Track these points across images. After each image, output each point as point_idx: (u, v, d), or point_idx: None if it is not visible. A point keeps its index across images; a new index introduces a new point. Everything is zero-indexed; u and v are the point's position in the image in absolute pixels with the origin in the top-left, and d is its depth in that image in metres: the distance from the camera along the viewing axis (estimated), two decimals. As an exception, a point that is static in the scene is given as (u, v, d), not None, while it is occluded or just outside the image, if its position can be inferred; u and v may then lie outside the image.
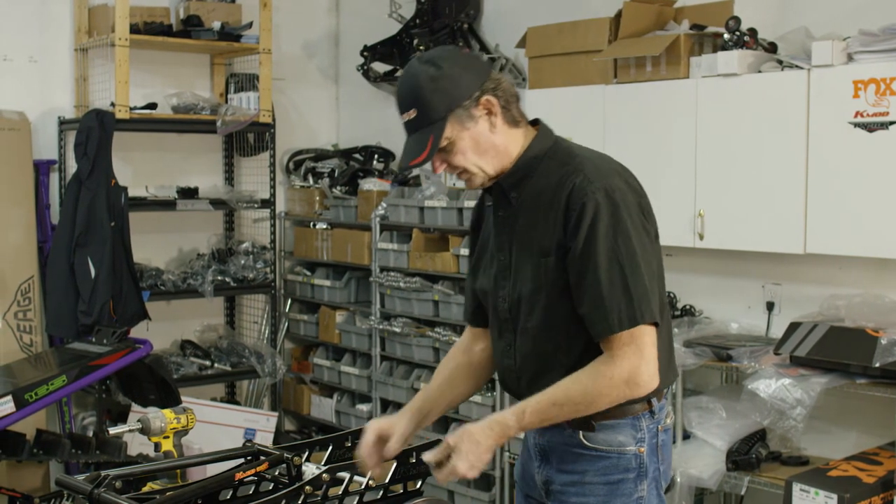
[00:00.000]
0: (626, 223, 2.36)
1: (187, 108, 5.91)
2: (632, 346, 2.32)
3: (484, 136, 2.44)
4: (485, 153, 2.46)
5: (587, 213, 2.34)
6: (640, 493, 2.47)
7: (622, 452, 2.46)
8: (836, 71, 4.02)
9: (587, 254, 2.34)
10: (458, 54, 2.50)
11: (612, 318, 2.32)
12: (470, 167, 2.47)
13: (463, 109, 2.41)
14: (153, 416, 2.89)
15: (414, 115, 2.43)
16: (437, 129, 2.41)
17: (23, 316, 5.53)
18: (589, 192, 2.36)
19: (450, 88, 2.40)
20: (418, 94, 2.41)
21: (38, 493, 4.97)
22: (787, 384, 3.99)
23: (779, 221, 4.20)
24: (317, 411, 6.49)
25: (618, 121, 4.74)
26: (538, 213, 2.45)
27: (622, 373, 2.32)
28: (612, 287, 2.32)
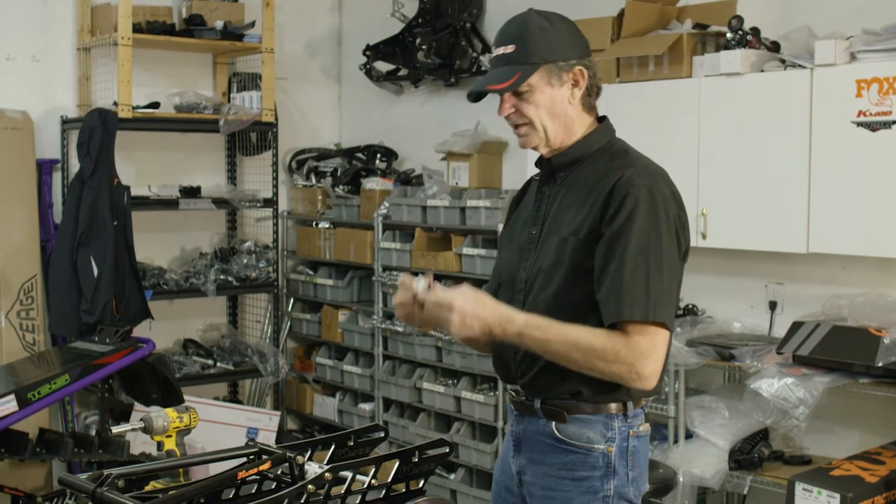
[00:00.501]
0: (662, 226, 2.41)
1: (190, 108, 5.91)
2: (647, 339, 2.35)
3: (562, 101, 2.53)
4: (555, 117, 2.53)
5: (627, 205, 2.39)
6: (605, 493, 2.49)
7: (590, 449, 2.49)
8: (839, 70, 4.01)
9: (618, 242, 2.38)
10: (571, 23, 2.58)
11: (625, 306, 2.35)
12: (536, 122, 2.52)
13: (556, 66, 2.50)
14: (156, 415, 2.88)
15: (512, 49, 2.49)
16: (529, 69, 2.47)
17: (25, 315, 5.54)
18: (635, 185, 2.42)
19: (554, 42, 2.49)
20: (524, 33, 2.49)
21: (41, 492, 4.97)
22: (790, 383, 3.99)
23: (782, 221, 4.19)
24: (319, 410, 6.49)
25: (620, 120, 4.68)
26: (579, 195, 2.51)
27: (631, 354, 2.35)
28: (633, 278, 2.35)
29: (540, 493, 2.56)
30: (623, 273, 2.36)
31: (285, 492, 2.36)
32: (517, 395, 2.63)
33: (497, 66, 2.52)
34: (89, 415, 5.81)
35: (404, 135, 6.43)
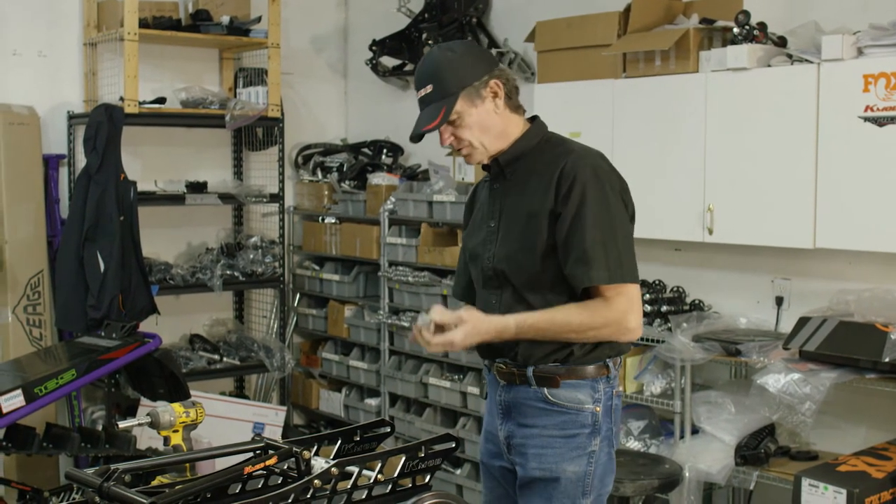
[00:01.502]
0: (609, 196, 2.73)
1: (196, 103, 5.91)
2: (622, 297, 2.70)
3: (489, 115, 2.80)
4: (488, 131, 2.81)
5: (577, 185, 2.70)
6: (592, 448, 2.79)
7: (580, 409, 2.78)
8: (846, 65, 4.00)
9: (575, 218, 2.69)
10: (473, 45, 2.94)
11: (593, 273, 2.67)
12: (474, 142, 2.81)
13: (473, 89, 2.77)
14: (162, 409, 2.89)
15: (430, 89, 2.78)
16: (450, 102, 2.75)
17: (32, 310, 5.55)
18: (580, 166, 2.73)
19: (462, 69, 2.78)
20: (435, 71, 2.78)
21: (48, 486, 4.98)
22: (797, 379, 3.99)
23: (788, 216, 4.19)
24: (325, 406, 6.50)
25: (627, 115, 4.73)
26: (529, 184, 2.81)
27: (615, 315, 2.70)
28: (594, 247, 2.67)
29: (533, 453, 2.81)
30: (584, 244, 2.67)
31: (292, 486, 2.37)
32: (506, 366, 2.86)
33: (424, 107, 2.81)
34: (96, 410, 5.82)
35: (410, 130, 6.41)
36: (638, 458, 4.30)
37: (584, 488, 2.78)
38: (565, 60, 5.01)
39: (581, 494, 2.78)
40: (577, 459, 2.77)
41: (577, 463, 2.77)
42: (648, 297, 4.72)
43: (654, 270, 4.97)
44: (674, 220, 4.58)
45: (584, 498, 2.79)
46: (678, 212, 4.55)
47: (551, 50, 5.09)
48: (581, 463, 2.77)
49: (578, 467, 2.77)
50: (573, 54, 4.98)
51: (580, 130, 4.85)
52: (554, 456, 2.78)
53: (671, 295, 4.83)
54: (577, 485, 2.77)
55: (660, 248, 4.95)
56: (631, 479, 4.01)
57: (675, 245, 4.92)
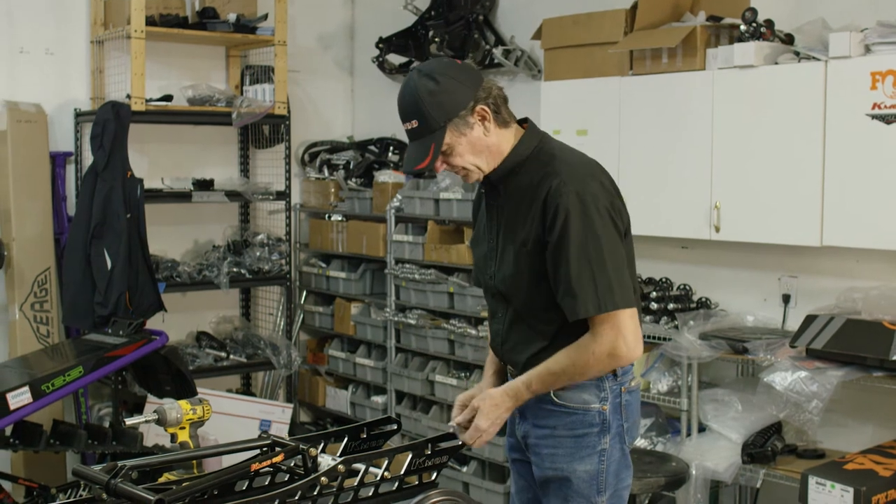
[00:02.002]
0: (595, 222, 2.67)
1: (203, 100, 5.91)
2: (608, 325, 2.67)
3: (479, 139, 2.76)
4: (480, 153, 2.78)
5: (560, 213, 2.66)
6: (602, 446, 2.81)
7: (587, 409, 2.80)
8: (854, 62, 4.00)
9: (560, 249, 2.67)
10: (453, 67, 2.78)
11: (579, 306, 2.66)
12: (468, 166, 2.79)
13: (460, 118, 2.73)
14: (169, 406, 2.89)
15: (416, 124, 2.74)
16: (438, 136, 2.72)
17: (39, 307, 5.56)
18: (563, 192, 2.67)
19: (447, 101, 2.72)
20: (419, 106, 2.72)
21: (55, 483, 4.99)
22: (803, 377, 3.98)
23: (795, 214, 4.18)
24: (332, 403, 6.51)
25: (634, 113, 4.73)
26: (521, 206, 2.78)
27: (603, 348, 2.68)
28: (580, 279, 2.66)
29: (546, 453, 2.85)
30: (570, 277, 2.66)
31: (298, 483, 2.37)
32: (515, 367, 2.92)
33: (412, 141, 2.78)
34: (103, 407, 5.83)
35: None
36: (644, 455, 4.30)
37: (598, 486, 2.80)
38: (572, 58, 5.01)
39: (596, 492, 2.81)
40: (587, 458, 2.80)
41: (588, 462, 2.80)
42: (655, 295, 4.72)
43: (660, 268, 4.97)
44: (681, 218, 4.58)
45: (600, 495, 2.81)
46: (685, 209, 4.55)
47: (558, 47, 5.09)
48: (592, 461, 2.80)
49: (590, 466, 2.80)
50: (580, 52, 4.97)
51: (587, 128, 4.86)
52: (565, 456, 2.81)
53: (678, 293, 4.82)
54: (590, 483, 2.80)
55: (666, 245, 4.94)
56: (637, 476, 4.00)
57: (682, 243, 4.92)
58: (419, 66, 2.76)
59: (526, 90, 5.50)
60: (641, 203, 4.69)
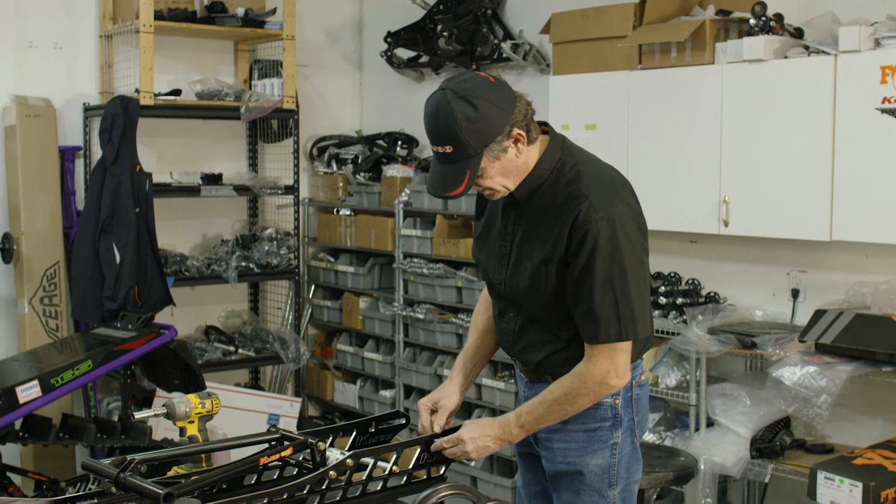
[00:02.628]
0: (623, 251, 2.63)
1: (211, 95, 5.92)
2: (606, 353, 2.65)
3: (511, 161, 2.66)
4: (509, 174, 2.69)
5: (589, 239, 2.60)
6: (614, 440, 2.80)
7: (599, 403, 2.77)
8: (864, 56, 3.98)
9: (585, 274, 2.62)
10: (488, 87, 2.62)
11: (601, 332, 2.63)
12: (496, 187, 2.70)
13: (496, 143, 2.61)
14: (178, 400, 2.89)
15: (450, 150, 2.60)
16: (474, 164, 2.61)
17: (49, 301, 5.57)
18: (593, 219, 2.61)
19: (485, 128, 2.58)
20: (455, 132, 2.57)
21: (64, 476, 5.01)
22: (812, 372, 3.97)
23: (805, 208, 4.17)
24: (340, 397, 6.51)
25: (642, 107, 4.72)
26: (543, 223, 2.71)
27: (595, 376, 2.66)
28: (603, 306, 2.62)
29: (557, 447, 2.83)
30: (594, 303, 2.63)
31: (307, 478, 2.37)
32: (525, 371, 2.91)
33: (441, 163, 2.65)
34: (112, 400, 5.84)
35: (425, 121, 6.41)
36: (653, 450, 4.29)
37: (609, 480, 2.81)
38: (581, 52, 5.00)
39: (608, 486, 2.81)
40: (599, 452, 2.79)
41: (601, 455, 2.80)
42: (664, 290, 4.71)
43: (669, 263, 4.96)
44: (689, 213, 4.57)
45: (612, 489, 2.81)
46: (694, 204, 4.54)
47: (567, 41, 5.08)
48: (604, 455, 2.80)
49: (602, 460, 2.80)
50: (589, 46, 4.96)
51: (595, 122, 4.86)
52: (577, 450, 2.80)
53: (686, 287, 4.82)
54: (602, 477, 2.80)
55: (675, 240, 4.93)
56: (646, 471, 3.98)
57: (691, 237, 4.91)
58: (452, 85, 2.61)
59: (534, 84, 5.49)
60: (650, 197, 4.66)
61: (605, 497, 2.81)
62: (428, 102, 2.66)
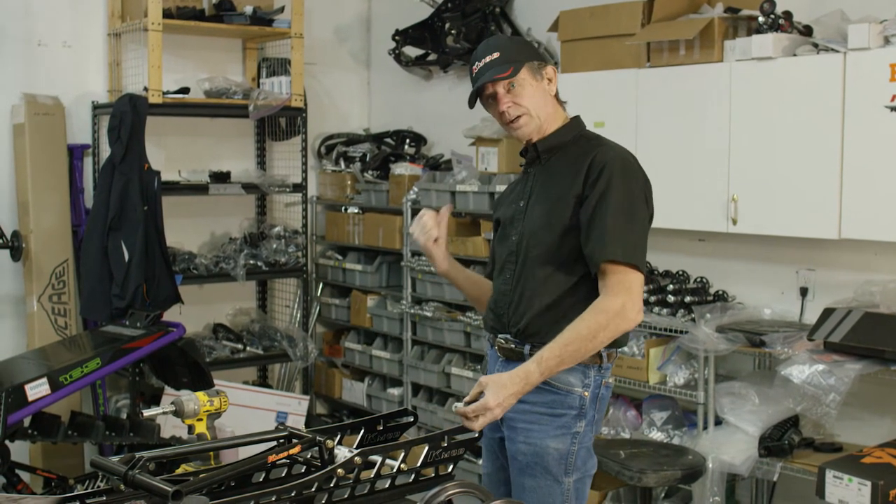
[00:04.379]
0: (635, 189, 2.85)
1: (219, 93, 5.92)
2: (623, 285, 2.77)
3: (544, 94, 2.95)
4: (543, 106, 2.95)
5: (606, 171, 2.82)
6: (577, 429, 2.91)
7: (569, 391, 2.90)
8: (873, 54, 3.97)
9: (601, 200, 2.80)
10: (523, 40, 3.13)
11: (609, 250, 2.77)
12: (532, 110, 2.93)
13: (535, 65, 2.93)
14: (186, 398, 2.89)
15: (497, 55, 2.90)
16: (518, 65, 2.90)
17: (57, 299, 5.58)
18: (610, 158, 2.86)
19: (527, 49, 3.03)
20: (503, 42, 3.02)
21: (73, 474, 5.02)
22: (821, 370, 3.97)
23: (813, 206, 4.16)
24: (348, 395, 6.52)
25: (650, 105, 4.72)
26: (561, 171, 2.94)
27: (615, 306, 2.75)
28: (615, 228, 2.78)
29: (521, 427, 2.94)
30: (606, 225, 2.78)
31: (315, 475, 2.37)
32: (506, 342, 3.00)
33: (485, 72, 2.92)
34: (120, 398, 5.86)
35: (433, 120, 6.43)
36: (661, 448, 4.29)
37: (566, 467, 2.90)
38: (589, 50, 5.00)
39: (564, 472, 2.90)
40: (561, 437, 2.90)
41: (562, 441, 2.90)
42: (672, 288, 4.71)
43: (677, 261, 4.96)
44: (698, 211, 4.57)
45: (567, 476, 2.91)
46: (702, 202, 4.54)
47: (575, 39, 5.08)
48: (565, 441, 2.90)
49: (562, 445, 2.90)
50: (597, 44, 4.96)
51: (604, 120, 4.84)
52: (540, 432, 2.91)
53: (695, 285, 4.81)
54: (560, 462, 2.90)
55: (683, 238, 4.93)
56: (654, 469, 4.00)
57: (699, 235, 4.90)
58: None
59: (542, 82, 5.49)
60: (658, 196, 4.65)
61: (560, 483, 2.90)
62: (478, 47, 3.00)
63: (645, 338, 4.69)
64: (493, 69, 2.89)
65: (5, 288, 5.68)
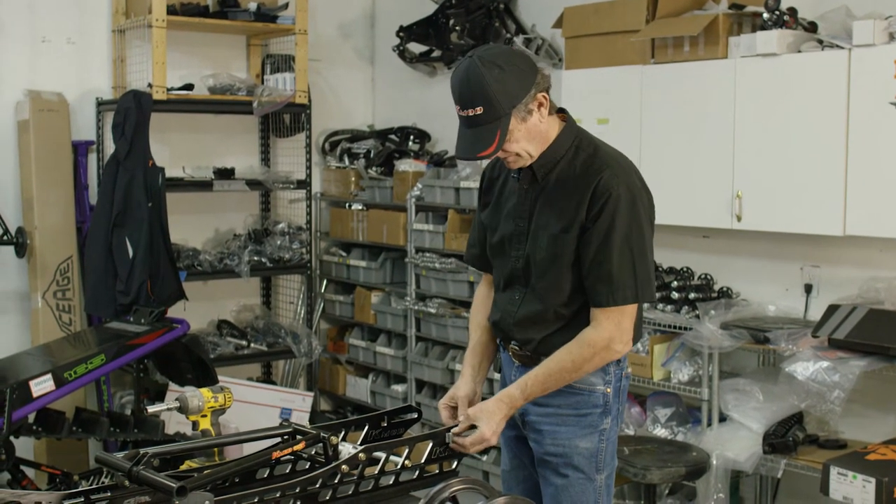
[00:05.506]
0: (641, 217, 2.77)
1: (224, 89, 5.92)
2: (613, 319, 2.76)
3: (535, 126, 2.77)
4: (534, 140, 2.79)
5: (611, 203, 2.72)
6: (603, 426, 2.89)
7: (592, 390, 2.88)
8: (878, 51, 3.97)
9: (605, 236, 2.73)
10: (512, 53, 2.78)
11: (618, 293, 2.74)
12: (521, 152, 2.79)
13: (522, 105, 2.72)
14: (191, 394, 2.89)
15: (480, 111, 2.70)
16: (504, 124, 2.71)
17: (62, 296, 5.58)
18: (615, 185, 2.73)
19: (512, 89, 2.70)
20: (485, 90, 2.68)
21: (78, 470, 5.02)
22: (825, 367, 3.96)
23: (818, 203, 4.16)
24: (352, 391, 6.52)
25: (655, 101, 4.71)
26: (561, 194, 2.81)
27: (602, 340, 2.75)
28: (622, 268, 2.73)
29: (547, 430, 2.90)
30: (612, 265, 2.73)
31: (319, 471, 2.38)
32: (520, 349, 2.96)
33: (470, 127, 2.74)
34: (125, 394, 5.86)
35: (437, 116, 6.42)
36: (665, 445, 4.29)
37: (597, 464, 2.89)
38: (593, 46, 4.99)
39: (595, 470, 2.89)
40: (589, 437, 2.88)
41: (590, 440, 2.88)
42: (676, 285, 4.71)
43: (682, 257, 4.95)
44: (702, 207, 4.56)
45: (598, 473, 2.90)
46: (707, 198, 4.53)
47: (579, 36, 5.07)
48: (593, 440, 2.88)
49: (591, 444, 2.88)
50: (601, 40, 4.95)
51: (608, 117, 4.85)
52: (567, 433, 2.88)
53: (699, 282, 4.81)
54: (590, 461, 2.88)
55: (688, 234, 4.93)
56: (658, 466, 4.00)
57: (704, 232, 4.90)
58: (478, 53, 2.72)
59: (547, 79, 5.49)
60: (663, 192, 4.64)
61: (593, 481, 2.89)
62: (456, 71, 2.76)
63: (649, 334, 4.69)
64: (478, 142, 2.72)
65: (10, 284, 5.68)
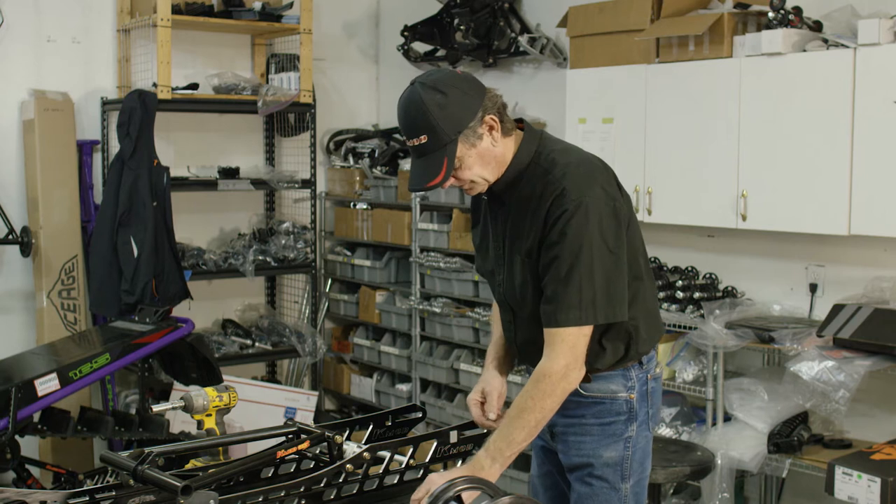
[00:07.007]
0: (596, 233, 2.59)
1: (228, 89, 5.93)
2: (566, 345, 2.61)
3: (487, 150, 2.65)
4: (487, 164, 2.68)
5: (559, 224, 2.59)
6: (629, 434, 2.82)
7: (614, 398, 2.80)
8: (883, 50, 3.96)
9: (553, 258, 2.61)
10: (456, 77, 2.65)
11: (561, 314, 2.60)
12: (475, 179, 2.68)
13: (470, 130, 2.60)
14: (196, 393, 2.90)
15: (425, 140, 2.59)
16: (450, 151, 2.60)
17: (67, 295, 5.59)
18: (564, 204, 2.59)
19: (457, 112, 2.59)
20: (428, 120, 2.57)
21: (82, 469, 5.03)
22: (830, 367, 3.96)
23: (823, 202, 4.15)
24: (357, 391, 6.52)
25: (660, 100, 4.71)
26: (525, 216, 2.71)
27: (558, 369, 2.61)
28: (568, 289, 2.59)
29: (572, 440, 2.85)
30: (558, 285, 2.60)
31: (324, 471, 2.38)
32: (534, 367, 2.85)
33: (418, 157, 2.63)
34: (129, 394, 5.87)
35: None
36: (670, 444, 4.29)
37: (622, 473, 2.82)
38: (598, 45, 4.99)
39: (621, 479, 2.82)
40: (613, 445, 2.81)
41: (614, 449, 2.81)
42: (681, 284, 4.70)
43: (686, 257, 4.95)
44: (707, 207, 4.56)
45: (624, 482, 2.83)
46: (711, 198, 4.53)
47: (584, 35, 5.07)
48: (618, 448, 2.81)
49: (615, 453, 2.81)
50: (606, 39, 4.95)
51: (613, 116, 4.85)
52: (591, 443, 2.82)
53: (704, 281, 4.80)
54: (615, 469, 2.81)
55: (693, 234, 4.92)
56: (662, 465, 3.99)
57: (709, 231, 4.89)
58: (420, 79, 2.63)
59: (551, 78, 5.49)
60: (667, 191, 4.67)
61: (617, 490, 2.82)
62: (399, 99, 2.66)
63: (654, 334, 4.68)
64: (426, 172, 2.61)
65: (15, 283, 5.69)
